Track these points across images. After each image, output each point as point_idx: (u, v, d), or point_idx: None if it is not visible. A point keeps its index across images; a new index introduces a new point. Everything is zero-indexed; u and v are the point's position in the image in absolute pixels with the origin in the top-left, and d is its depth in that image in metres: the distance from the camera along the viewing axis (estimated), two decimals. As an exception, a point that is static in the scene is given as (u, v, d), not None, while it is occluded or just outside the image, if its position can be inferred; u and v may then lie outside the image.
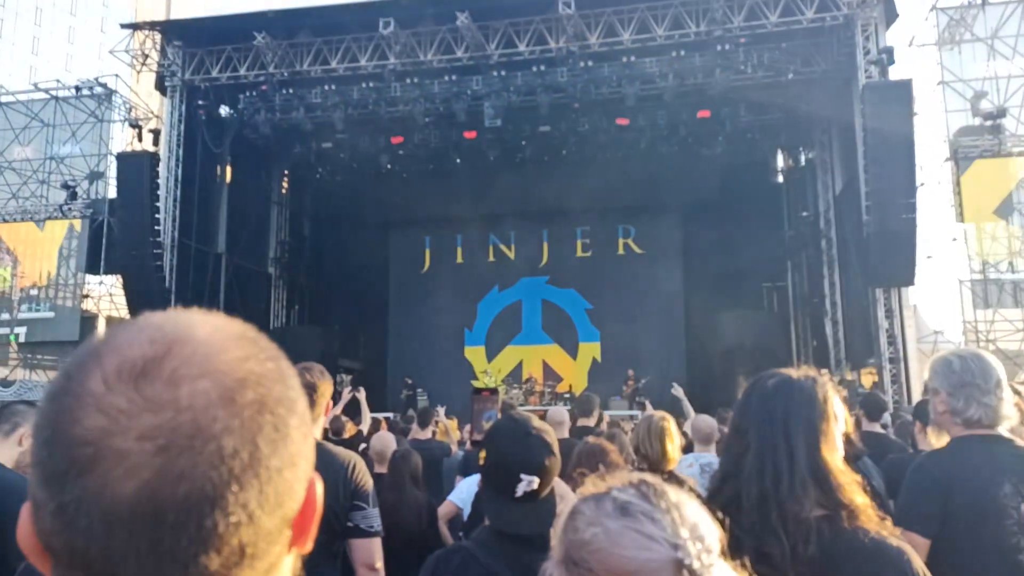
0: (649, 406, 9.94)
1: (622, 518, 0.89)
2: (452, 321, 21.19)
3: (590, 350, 20.68)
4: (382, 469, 5.31)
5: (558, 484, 2.17)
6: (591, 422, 6.29)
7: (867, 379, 15.72)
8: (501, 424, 2.23)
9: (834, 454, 1.79)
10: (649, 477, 0.96)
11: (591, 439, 4.35)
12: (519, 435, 2.06)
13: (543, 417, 5.67)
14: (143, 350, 0.61)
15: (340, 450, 3.19)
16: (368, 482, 3.20)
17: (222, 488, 0.58)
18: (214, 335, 0.64)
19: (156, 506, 0.56)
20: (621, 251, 21.27)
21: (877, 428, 5.56)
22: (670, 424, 4.05)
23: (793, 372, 1.88)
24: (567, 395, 17.65)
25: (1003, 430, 2.54)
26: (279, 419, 0.63)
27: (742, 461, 1.80)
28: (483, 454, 2.14)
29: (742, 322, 17.76)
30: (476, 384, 18.59)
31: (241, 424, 0.60)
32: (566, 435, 5.50)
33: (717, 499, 1.76)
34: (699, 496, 1.05)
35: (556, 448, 2.09)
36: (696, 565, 0.85)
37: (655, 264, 20.65)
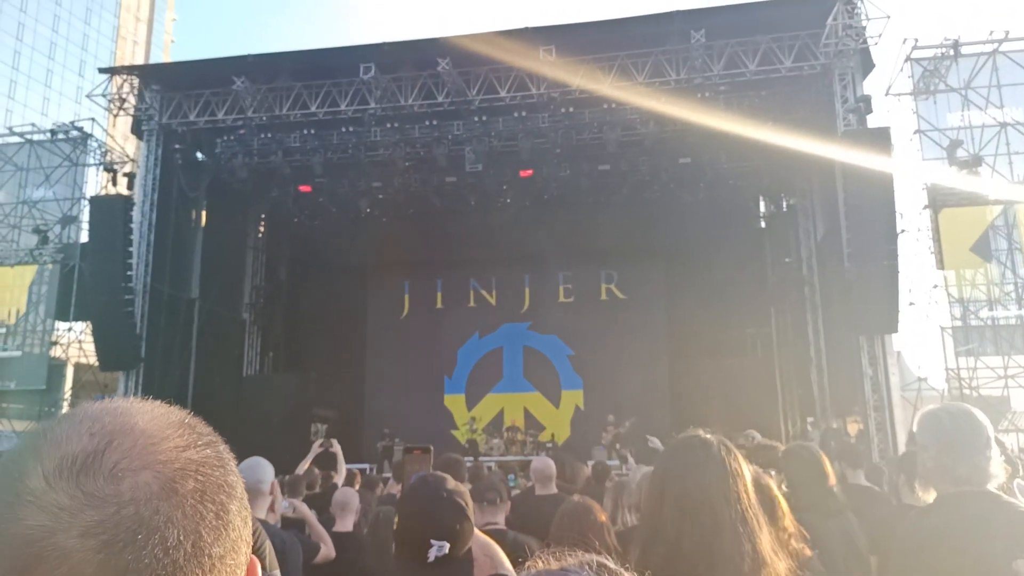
0: (631, 457, 9.66)
1: None
2: (431, 368, 20.83)
3: (573, 398, 20.36)
4: (343, 527, 4.98)
5: (476, 541, 2.18)
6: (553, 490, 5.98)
7: (852, 427, 15.51)
8: (413, 487, 2.21)
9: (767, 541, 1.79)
10: (609, 561, 0.91)
11: (577, 497, 4.20)
12: (431, 499, 2.06)
13: (525, 468, 5.40)
14: (83, 444, 0.60)
15: None
16: (265, 544, 3.14)
17: None
18: (152, 424, 0.65)
19: None
20: (604, 297, 21.11)
21: (861, 479, 5.35)
22: None
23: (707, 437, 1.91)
24: (549, 444, 17.28)
25: (991, 487, 2.52)
26: (220, 506, 0.63)
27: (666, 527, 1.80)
28: (396, 518, 2.12)
29: (726, 369, 17.57)
30: (456, 434, 18.21)
31: (183, 515, 0.60)
32: (553, 490, 5.21)
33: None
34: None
35: (470, 511, 2.09)
36: None
37: (638, 310, 20.49)
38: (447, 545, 1.98)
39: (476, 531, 2.23)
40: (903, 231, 14.61)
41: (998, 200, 16.68)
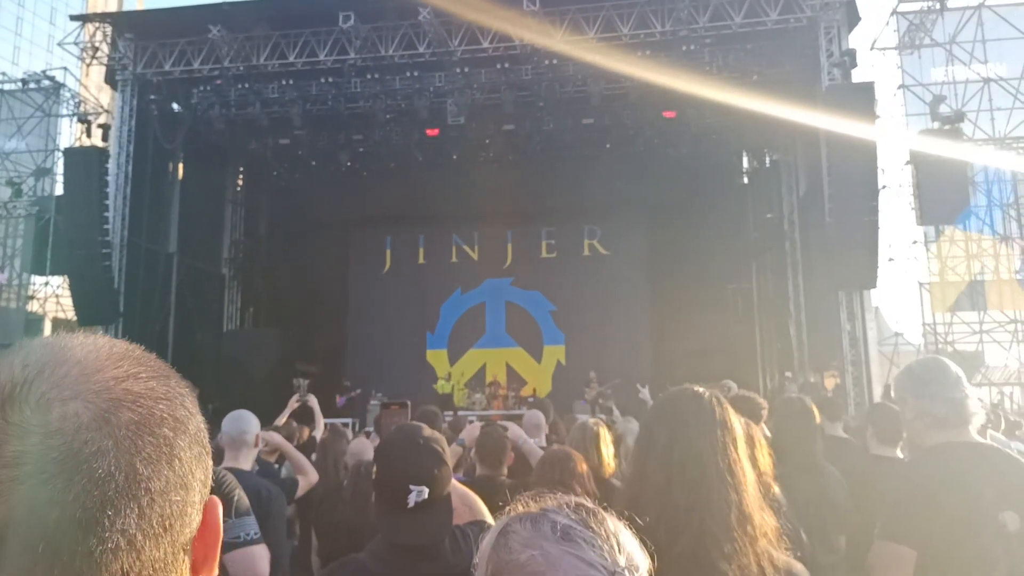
0: (616, 411, 9.76)
1: (562, 543, 0.87)
2: (413, 323, 20.81)
3: (555, 353, 20.46)
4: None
5: (455, 491, 2.23)
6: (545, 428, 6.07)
7: (829, 381, 15.74)
8: (391, 436, 2.25)
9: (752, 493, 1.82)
10: (586, 501, 0.94)
11: (557, 446, 4.25)
12: (408, 446, 2.09)
13: (517, 420, 5.43)
14: (13, 374, 0.59)
15: None
16: (235, 491, 3.11)
17: (95, 513, 0.56)
18: (90, 356, 0.62)
19: (26, 534, 0.54)
20: (587, 252, 21.10)
21: (839, 431, 5.43)
22: (603, 430, 4.11)
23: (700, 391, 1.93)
24: (531, 399, 17.39)
25: (973, 431, 2.55)
26: (162, 439, 0.61)
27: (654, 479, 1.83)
28: (375, 468, 2.14)
29: (708, 324, 17.71)
30: (436, 387, 18.28)
31: (116, 446, 0.58)
32: (543, 441, 5.26)
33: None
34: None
35: (447, 457, 2.13)
36: None
37: (621, 265, 20.51)
38: (426, 490, 2.00)
39: (455, 482, 2.23)
40: (884, 187, 14.67)
41: (978, 157, 16.75)
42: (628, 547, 0.90)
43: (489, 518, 2.43)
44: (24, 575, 0.54)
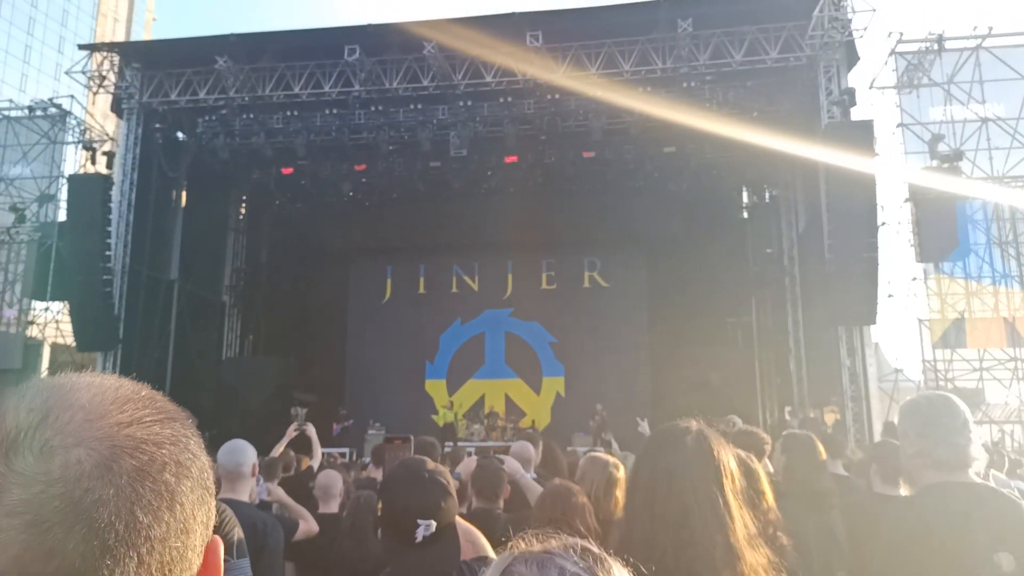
0: (615, 444, 9.71)
1: None
2: (413, 353, 20.79)
3: (554, 384, 20.41)
4: (327, 509, 4.97)
5: (458, 527, 2.22)
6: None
7: (829, 417, 15.67)
8: (395, 471, 2.26)
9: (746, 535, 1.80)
10: (593, 546, 0.91)
11: (558, 481, 4.20)
12: (413, 480, 2.09)
13: (507, 452, 5.41)
14: (18, 419, 0.59)
15: None
16: (234, 531, 3.07)
17: (94, 562, 0.55)
18: (95, 400, 0.62)
19: None
20: (587, 284, 21.14)
21: (839, 469, 5.41)
22: (622, 472, 4.00)
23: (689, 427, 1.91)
24: (530, 430, 17.30)
25: (972, 473, 2.53)
26: (163, 485, 0.60)
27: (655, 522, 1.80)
28: (380, 504, 2.14)
29: (708, 358, 17.67)
30: (435, 419, 18.19)
31: (116, 494, 0.58)
32: (532, 473, 5.23)
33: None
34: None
35: (452, 488, 2.13)
36: None
37: (620, 298, 20.55)
38: (434, 523, 2.01)
39: (458, 519, 2.24)
40: (883, 224, 14.74)
41: (977, 196, 16.86)
42: None
43: (492, 553, 2.42)
44: None
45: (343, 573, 3.88)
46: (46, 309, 19.75)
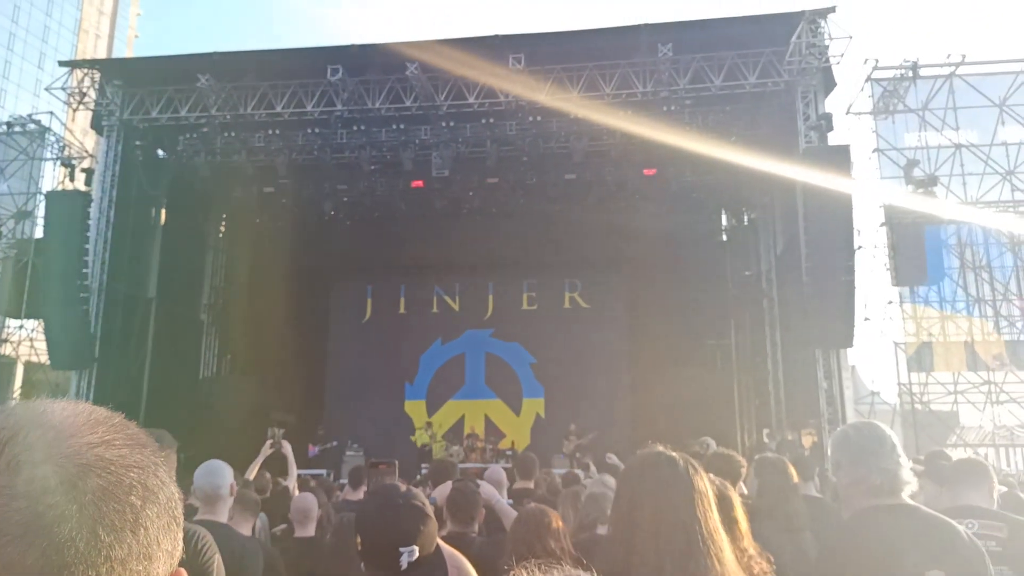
0: (593, 467, 9.71)
1: None
2: (393, 374, 20.68)
3: (534, 406, 20.37)
4: (303, 533, 4.92)
5: (445, 549, 2.21)
6: (530, 484, 6.00)
7: (807, 439, 15.75)
8: (367, 501, 2.27)
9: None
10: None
11: (533, 505, 4.19)
12: (389, 509, 2.06)
13: (481, 476, 5.39)
14: None
15: (184, 524, 2.95)
16: (214, 558, 3.05)
17: None
18: (66, 421, 0.63)
19: None
20: (567, 305, 21.17)
21: (811, 491, 5.44)
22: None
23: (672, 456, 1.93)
24: (509, 452, 17.25)
25: (906, 496, 2.61)
26: (128, 507, 0.60)
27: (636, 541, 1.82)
28: (358, 538, 2.09)
29: (686, 380, 17.73)
30: (413, 439, 18.08)
31: (79, 511, 0.58)
32: (505, 498, 5.21)
33: None
34: None
35: (429, 510, 2.11)
36: None
37: (601, 319, 20.60)
38: (416, 549, 1.98)
39: (440, 542, 2.22)
40: (860, 247, 14.92)
41: (952, 220, 17.14)
42: None
43: None
44: None
45: None
46: (20, 327, 19.48)
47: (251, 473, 6.35)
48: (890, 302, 17.53)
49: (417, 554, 1.98)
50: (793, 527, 3.80)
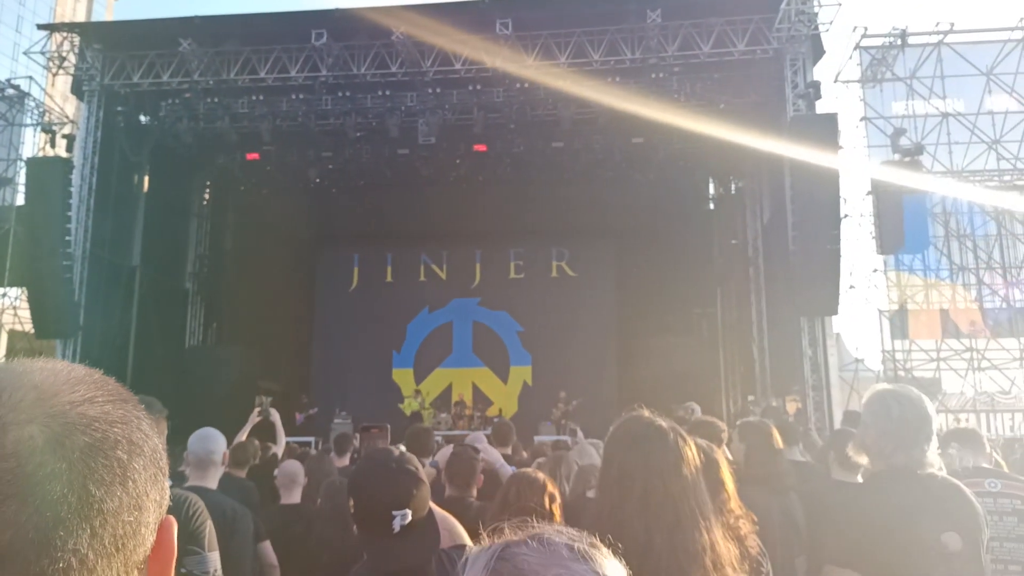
0: (580, 433, 9.79)
1: (584, 562, 0.85)
2: (380, 342, 20.69)
3: (521, 374, 20.47)
4: (289, 499, 4.95)
5: (437, 512, 2.23)
6: (508, 450, 6.05)
7: (791, 405, 15.94)
8: (362, 465, 2.24)
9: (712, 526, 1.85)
10: (574, 531, 0.92)
11: (525, 469, 4.22)
12: (383, 472, 2.07)
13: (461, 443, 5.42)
14: None
15: (175, 490, 2.97)
16: (206, 524, 3.09)
17: (48, 533, 0.57)
18: (48, 380, 0.65)
19: None
20: (555, 274, 21.20)
21: (797, 455, 5.51)
22: None
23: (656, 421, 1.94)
24: (497, 419, 17.32)
25: (923, 464, 2.61)
26: (115, 462, 0.62)
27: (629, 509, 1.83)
28: (351, 502, 2.10)
29: (673, 347, 17.83)
30: (401, 407, 18.16)
31: (69, 468, 0.60)
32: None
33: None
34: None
35: (422, 474, 2.11)
36: None
37: (588, 288, 20.65)
38: (409, 512, 1.99)
39: (433, 505, 2.24)
40: (846, 216, 14.97)
41: (935, 192, 17.20)
42: (624, 572, 0.90)
43: (469, 541, 2.42)
44: None
45: (328, 559, 3.89)
46: (3, 295, 19.29)
47: (240, 439, 6.36)
48: (875, 270, 17.65)
49: (410, 517, 2.00)
50: (779, 489, 3.85)
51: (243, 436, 6.46)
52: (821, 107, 14.75)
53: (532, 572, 0.84)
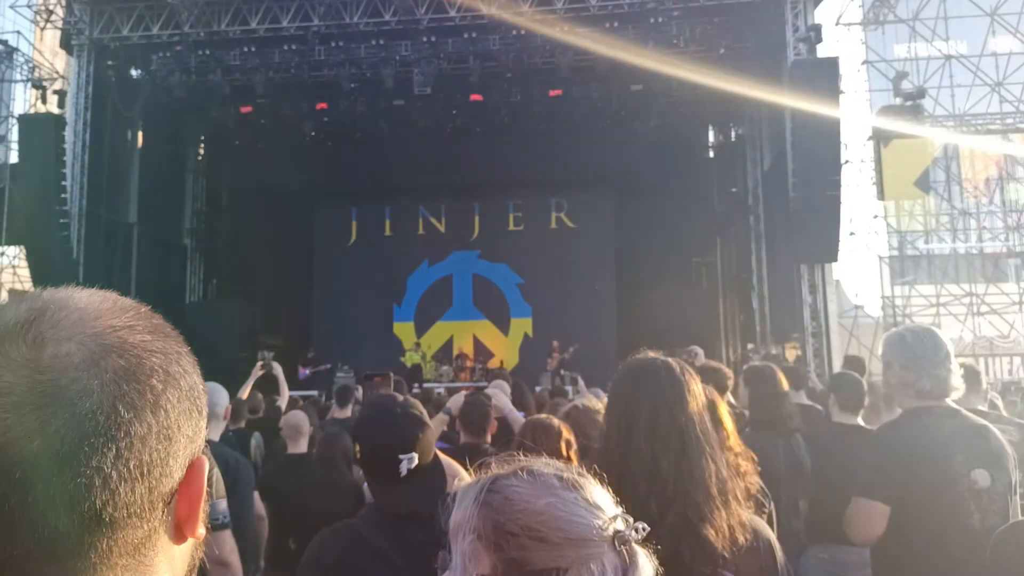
0: (581, 381, 9.81)
1: (574, 490, 0.88)
2: (380, 296, 20.72)
3: (522, 325, 20.54)
4: (295, 449, 5.01)
5: (443, 459, 2.24)
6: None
7: (791, 353, 16.04)
8: (366, 411, 2.25)
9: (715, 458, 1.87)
10: (560, 463, 0.94)
11: (540, 415, 4.25)
12: (388, 417, 2.08)
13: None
14: (17, 314, 0.63)
15: None
16: (213, 472, 3.14)
17: (72, 447, 0.58)
18: (93, 303, 0.67)
19: (6, 460, 0.56)
20: (554, 225, 21.13)
21: (803, 399, 5.57)
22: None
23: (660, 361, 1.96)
24: (499, 370, 17.47)
25: (951, 401, 2.70)
26: (148, 389, 0.63)
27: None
28: (357, 447, 2.14)
29: (673, 297, 17.87)
30: (403, 360, 18.25)
31: (101, 387, 0.60)
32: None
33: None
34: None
35: (427, 419, 2.14)
36: (634, 536, 0.86)
37: (587, 238, 20.60)
38: (415, 456, 2.01)
39: (438, 451, 2.25)
40: (847, 162, 14.86)
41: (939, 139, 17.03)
42: (611, 501, 0.91)
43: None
44: (2, 501, 0.57)
45: (314, 504, 3.98)
46: (2, 254, 19.24)
47: (243, 394, 6.41)
48: (875, 216, 17.60)
49: (416, 461, 2.02)
50: (785, 431, 3.89)
51: (247, 389, 6.51)
52: (822, 51, 14.54)
53: (523, 501, 0.87)
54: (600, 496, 0.89)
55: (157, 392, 0.63)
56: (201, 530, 0.68)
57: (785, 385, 4.08)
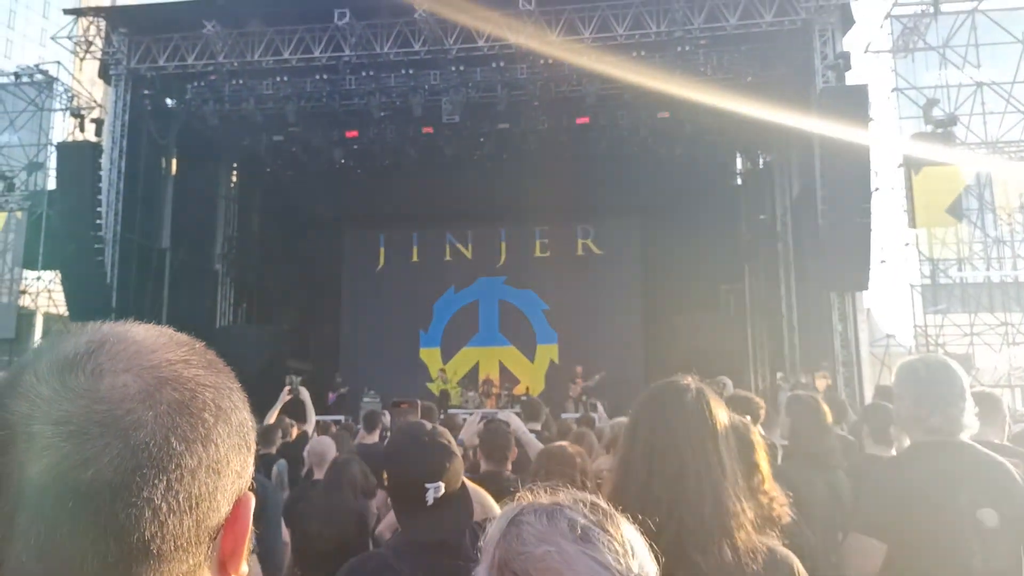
0: (601, 408, 9.74)
1: (580, 543, 0.86)
2: (407, 322, 20.80)
3: (548, 352, 20.48)
4: (321, 475, 5.01)
5: (469, 486, 2.24)
6: (538, 427, 6.07)
7: (821, 382, 15.78)
8: (395, 439, 2.30)
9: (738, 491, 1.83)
10: (602, 502, 0.93)
11: (558, 443, 4.23)
12: (416, 446, 2.10)
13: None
14: (77, 346, 0.65)
15: None
16: None
17: (125, 478, 0.59)
18: (151, 337, 0.68)
19: (60, 488, 0.57)
20: (580, 252, 21.13)
21: (844, 432, 5.45)
22: None
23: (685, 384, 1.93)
24: (524, 398, 17.40)
25: (963, 437, 2.57)
26: (200, 422, 0.64)
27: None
28: (385, 474, 2.16)
29: (700, 324, 17.72)
30: (430, 387, 18.27)
31: (155, 419, 0.62)
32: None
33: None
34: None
35: (455, 447, 2.15)
36: None
37: (614, 265, 20.56)
38: (442, 485, 2.02)
39: (465, 479, 2.27)
40: (877, 189, 14.71)
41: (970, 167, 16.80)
42: (640, 553, 0.90)
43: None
44: (51, 527, 0.58)
45: (314, 530, 3.99)
46: (38, 278, 19.64)
47: (270, 419, 6.45)
48: (907, 244, 17.36)
49: (444, 490, 2.03)
50: (827, 465, 3.79)
51: (274, 414, 6.54)
52: (851, 78, 14.47)
53: (528, 543, 0.87)
54: (613, 553, 0.87)
55: (208, 426, 0.65)
56: (244, 568, 0.69)
57: (829, 418, 3.99)
